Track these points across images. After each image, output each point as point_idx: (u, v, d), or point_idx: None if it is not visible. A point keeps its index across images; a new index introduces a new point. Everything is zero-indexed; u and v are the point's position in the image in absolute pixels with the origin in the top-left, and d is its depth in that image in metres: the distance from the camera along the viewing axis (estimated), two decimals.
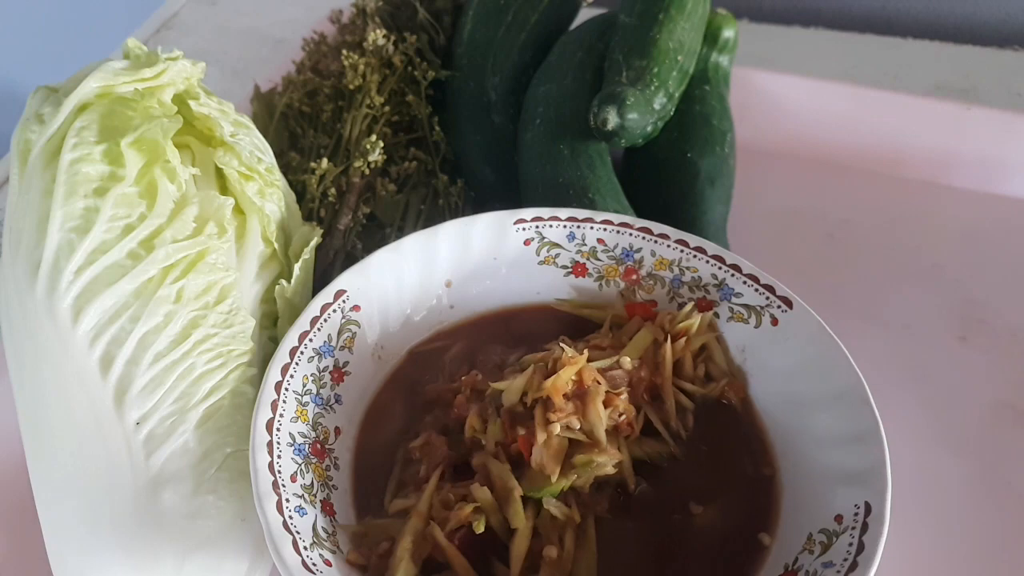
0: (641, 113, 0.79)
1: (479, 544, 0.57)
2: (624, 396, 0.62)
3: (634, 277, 0.75)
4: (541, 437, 0.58)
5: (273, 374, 0.61)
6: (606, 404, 0.60)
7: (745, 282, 0.71)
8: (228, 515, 0.58)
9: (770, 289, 0.70)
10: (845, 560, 0.54)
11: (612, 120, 0.78)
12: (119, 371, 0.59)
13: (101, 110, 0.65)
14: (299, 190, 0.85)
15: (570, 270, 0.76)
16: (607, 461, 0.58)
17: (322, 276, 0.79)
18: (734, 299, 0.71)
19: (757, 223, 0.95)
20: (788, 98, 1.04)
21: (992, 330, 0.85)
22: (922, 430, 0.77)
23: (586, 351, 0.61)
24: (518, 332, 0.74)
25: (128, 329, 0.60)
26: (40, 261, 0.61)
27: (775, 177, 1.03)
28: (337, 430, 0.65)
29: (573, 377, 0.60)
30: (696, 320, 0.68)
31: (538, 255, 0.76)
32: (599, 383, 0.61)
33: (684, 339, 0.68)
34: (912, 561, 0.68)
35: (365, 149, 0.85)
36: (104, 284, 0.60)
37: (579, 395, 0.60)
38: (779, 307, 0.69)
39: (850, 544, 0.55)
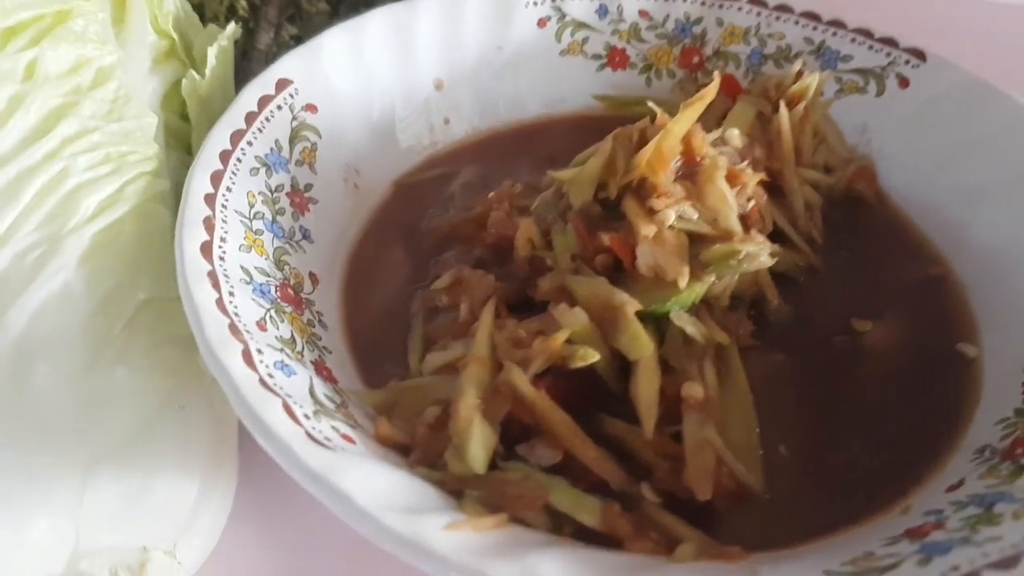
0: None
1: (573, 396, 0.37)
2: (750, 172, 0.43)
3: (696, 60, 0.57)
4: (648, 230, 0.39)
5: (198, 182, 0.40)
6: (730, 182, 0.42)
7: (853, 40, 0.55)
8: (152, 399, 0.36)
9: (890, 43, 0.54)
10: None
11: None
12: None
13: None
14: (200, 13, 0.63)
15: (604, 60, 0.58)
16: (758, 250, 0.40)
17: None
18: (841, 65, 0.55)
19: None
20: None
21: None
22: None
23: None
24: (544, 153, 0.55)
25: None
26: None
27: None
28: (313, 277, 0.44)
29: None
30: (814, 79, 0.51)
31: (559, 41, 0.57)
32: (715, 155, 0.42)
33: (801, 108, 0.50)
34: None
35: None
36: None
37: (688, 175, 0.42)
38: (907, 62, 0.53)
39: None
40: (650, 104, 0.44)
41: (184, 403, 0.37)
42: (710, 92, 0.40)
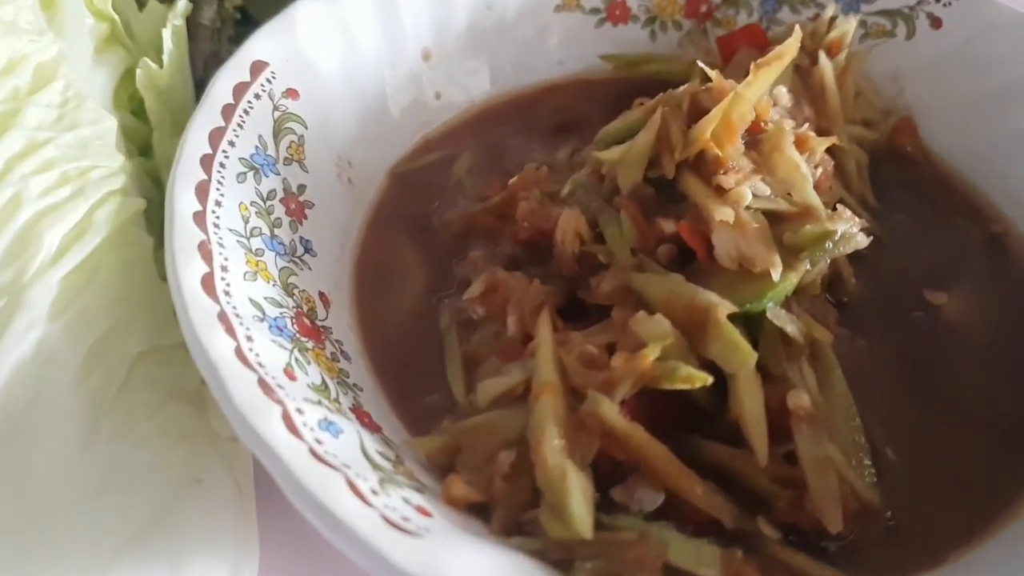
0: None
1: (659, 419, 0.32)
2: (814, 136, 0.38)
3: (703, 9, 0.52)
4: (723, 214, 0.33)
5: (183, 197, 0.32)
6: (798, 149, 0.36)
7: None
8: (168, 474, 0.29)
9: None
10: None
11: None
12: None
13: None
14: None
15: (603, 14, 0.52)
16: (850, 227, 0.34)
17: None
18: (865, 6, 0.49)
19: None
20: None
21: None
22: None
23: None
24: (550, 122, 0.49)
25: None
26: None
27: None
28: (324, 298, 0.37)
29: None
30: (851, 25, 0.46)
31: None
32: (780, 120, 0.37)
33: (841, 58, 0.45)
34: None
35: None
36: None
37: (751, 143, 0.36)
38: (938, 0, 0.48)
39: None
40: (700, 64, 0.37)
41: (200, 474, 0.30)
42: (790, 50, 0.34)
